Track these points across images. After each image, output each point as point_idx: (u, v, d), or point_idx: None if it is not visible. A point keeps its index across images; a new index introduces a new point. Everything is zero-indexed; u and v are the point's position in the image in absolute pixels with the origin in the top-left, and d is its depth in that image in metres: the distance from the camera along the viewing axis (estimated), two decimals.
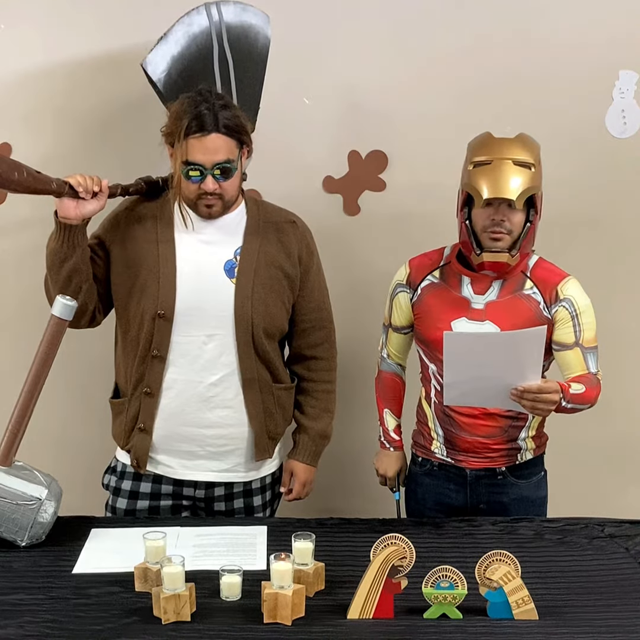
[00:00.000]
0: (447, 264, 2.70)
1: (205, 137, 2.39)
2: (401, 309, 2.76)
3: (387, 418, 2.86)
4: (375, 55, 3.13)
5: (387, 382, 2.88)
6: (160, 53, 2.68)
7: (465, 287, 2.64)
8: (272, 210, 2.66)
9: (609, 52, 3.15)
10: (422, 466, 2.80)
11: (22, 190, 2.39)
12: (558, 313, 2.59)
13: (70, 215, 2.44)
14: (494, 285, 2.62)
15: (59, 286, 2.49)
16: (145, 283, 2.53)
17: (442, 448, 2.72)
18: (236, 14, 2.78)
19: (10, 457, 2.39)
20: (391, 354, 2.85)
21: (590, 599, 2.15)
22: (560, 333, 2.60)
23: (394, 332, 2.81)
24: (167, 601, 2.01)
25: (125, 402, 2.62)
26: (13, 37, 3.06)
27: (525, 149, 2.56)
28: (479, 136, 2.65)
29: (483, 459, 2.69)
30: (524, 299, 2.60)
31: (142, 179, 2.61)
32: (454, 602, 2.05)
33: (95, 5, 3.04)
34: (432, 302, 2.67)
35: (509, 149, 2.55)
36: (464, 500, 2.72)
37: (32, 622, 2.02)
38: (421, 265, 2.73)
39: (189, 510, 2.69)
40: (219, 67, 2.74)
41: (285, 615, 2.01)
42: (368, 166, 3.22)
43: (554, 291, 2.59)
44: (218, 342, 2.54)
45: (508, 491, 2.70)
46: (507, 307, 2.60)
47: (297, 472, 2.74)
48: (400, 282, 2.75)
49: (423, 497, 2.79)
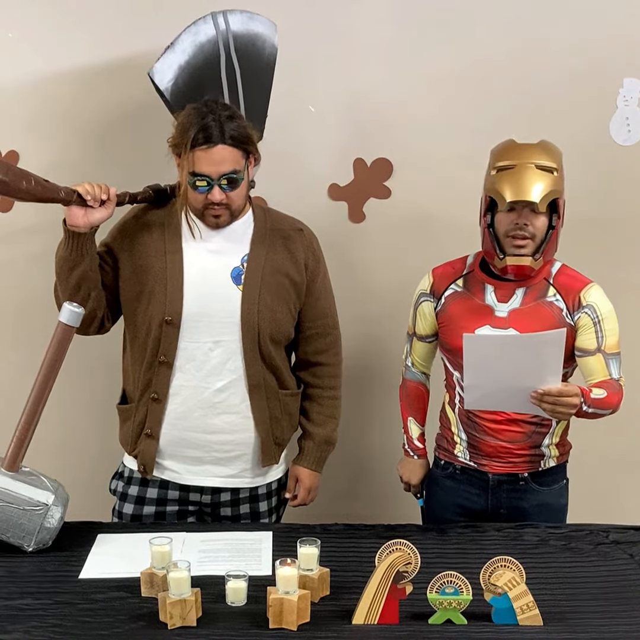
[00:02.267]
0: (470, 272, 2.71)
1: (211, 149, 2.41)
2: (425, 318, 2.77)
3: (411, 426, 2.87)
4: (381, 63, 3.15)
5: (412, 391, 2.88)
6: (167, 62, 2.68)
7: (488, 294, 2.65)
8: (279, 218, 2.67)
9: (614, 60, 3.15)
10: (445, 469, 2.80)
11: (30, 198, 2.41)
12: (580, 319, 2.59)
13: (78, 224, 2.46)
14: (517, 293, 2.63)
15: (68, 293, 2.51)
16: (153, 290, 2.54)
17: (466, 452, 2.73)
18: (243, 23, 2.78)
19: (17, 462, 2.40)
20: (415, 362, 2.86)
21: (594, 605, 2.15)
22: (583, 339, 2.60)
23: (419, 341, 2.82)
24: (173, 606, 2.02)
25: (132, 407, 2.64)
26: (21, 45, 3.08)
27: (548, 154, 2.58)
28: (502, 142, 2.67)
29: (506, 464, 2.69)
30: (546, 306, 2.61)
31: (150, 187, 2.63)
32: (458, 607, 2.06)
33: (102, 14, 3.06)
34: (456, 310, 2.68)
35: (531, 154, 2.57)
36: (485, 504, 2.73)
37: (38, 627, 2.02)
38: (445, 274, 2.74)
39: (195, 516, 2.70)
40: (226, 76, 2.75)
41: (290, 621, 2.02)
42: (373, 174, 3.23)
43: (577, 298, 2.60)
44: (224, 348, 2.55)
45: (529, 497, 2.71)
46: (530, 315, 2.60)
47: (302, 477, 2.75)
48: (424, 292, 2.76)
49: (444, 500, 2.80)
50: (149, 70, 2.67)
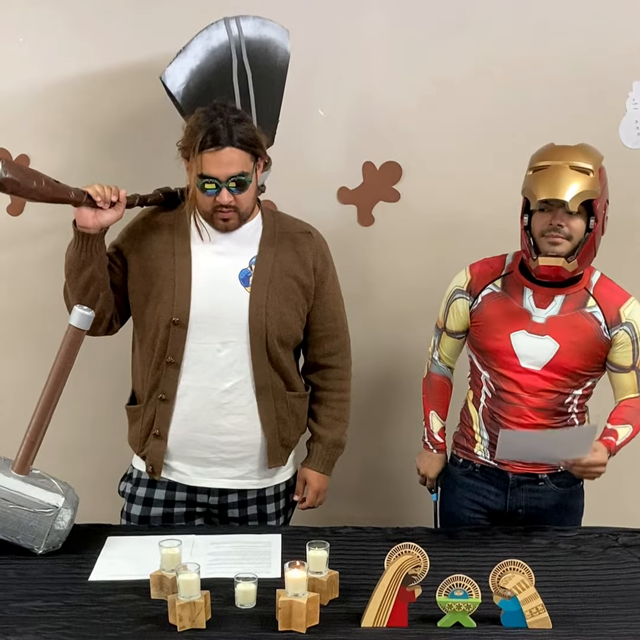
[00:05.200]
0: (509, 273, 2.69)
1: (219, 151, 2.42)
2: (458, 314, 2.75)
3: (433, 420, 2.86)
4: (390, 66, 3.15)
5: (436, 385, 2.87)
6: (179, 66, 2.69)
7: (527, 298, 2.63)
8: (288, 222, 2.68)
9: (623, 64, 3.15)
10: (463, 467, 2.80)
11: (41, 199, 2.42)
12: (618, 336, 2.59)
13: (88, 225, 2.47)
14: (556, 300, 2.60)
15: (77, 294, 2.52)
16: (161, 291, 2.55)
17: (486, 451, 2.73)
18: (255, 29, 2.78)
19: (27, 465, 2.41)
20: (442, 356, 2.85)
21: (604, 608, 2.15)
22: (619, 356, 2.61)
23: (448, 336, 2.81)
24: (183, 608, 2.02)
25: (141, 408, 2.64)
26: (32, 50, 3.09)
27: (584, 155, 2.54)
28: (543, 146, 2.64)
29: (527, 465, 2.69)
30: (585, 317, 2.59)
31: (160, 190, 2.64)
32: (467, 610, 2.06)
33: (112, 18, 3.07)
34: (492, 312, 2.67)
35: (566, 155, 2.54)
36: (504, 503, 2.72)
37: (48, 629, 2.03)
38: (483, 273, 2.72)
39: (203, 517, 2.70)
40: (238, 81, 2.75)
41: (299, 623, 2.02)
42: (382, 177, 3.23)
43: (617, 313, 2.59)
44: (232, 350, 2.56)
45: (548, 497, 2.71)
46: (568, 324, 2.59)
47: (310, 480, 2.75)
48: (460, 288, 2.74)
49: (462, 498, 2.79)
50: (161, 74, 2.68)
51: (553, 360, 2.59)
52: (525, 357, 2.61)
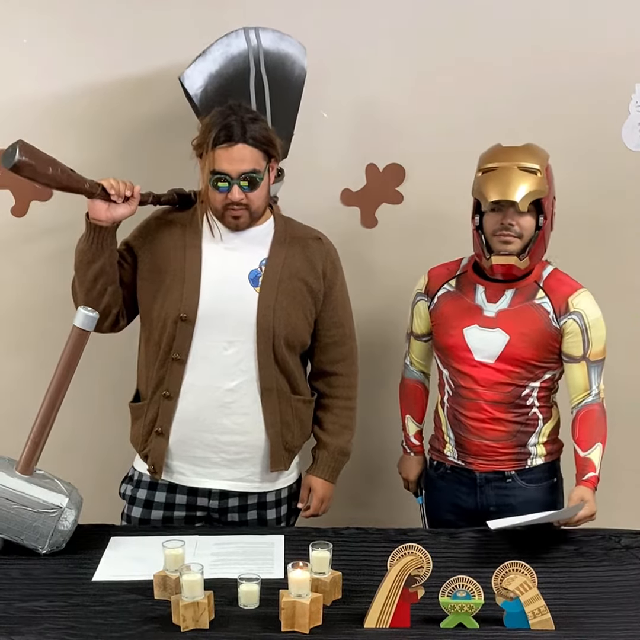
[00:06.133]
0: (463, 273, 2.76)
1: (231, 147, 2.43)
2: (420, 317, 2.82)
3: (408, 424, 2.92)
4: (393, 68, 3.16)
5: (409, 389, 2.93)
6: (198, 69, 2.71)
7: (479, 295, 2.70)
8: (299, 227, 2.69)
9: (626, 66, 3.16)
10: (437, 469, 2.84)
11: (55, 185, 2.42)
12: (567, 325, 2.63)
13: (101, 217, 2.48)
14: (506, 294, 2.67)
15: (85, 287, 2.53)
16: (170, 287, 2.56)
17: (454, 451, 2.76)
18: (273, 41, 2.80)
19: (31, 465, 2.41)
20: (414, 361, 2.91)
21: (606, 610, 2.16)
22: (569, 346, 2.65)
23: (415, 339, 2.88)
24: (186, 609, 2.03)
25: (144, 405, 2.64)
26: (48, 53, 3.10)
27: (532, 155, 2.62)
28: (490, 147, 2.71)
29: (492, 462, 2.72)
30: (534, 308, 2.64)
31: (175, 191, 2.65)
32: (470, 611, 2.06)
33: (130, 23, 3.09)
34: (447, 309, 2.74)
35: (515, 156, 2.62)
36: (474, 502, 2.75)
37: (52, 629, 2.04)
38: (439, 274, 2.80)
39: (203, 522, 2.70)
40: (255, 90, 2.77)
41: (302, 624, 2.03)
42: (385, 179, 3.24)
43: (565, 302, 2.63)
44: (238, 349, 2.56)
45: (516, 494, 2.72)
46: (517, 315, 2.64)
47: (315, 487, 2.75)
48: (420, 291, 2.83)
49: (439, 500, 2.83)
50: (180, 75, 2.70)
51: (504, 351, 2.63)
52: (478, 351, 2.66)
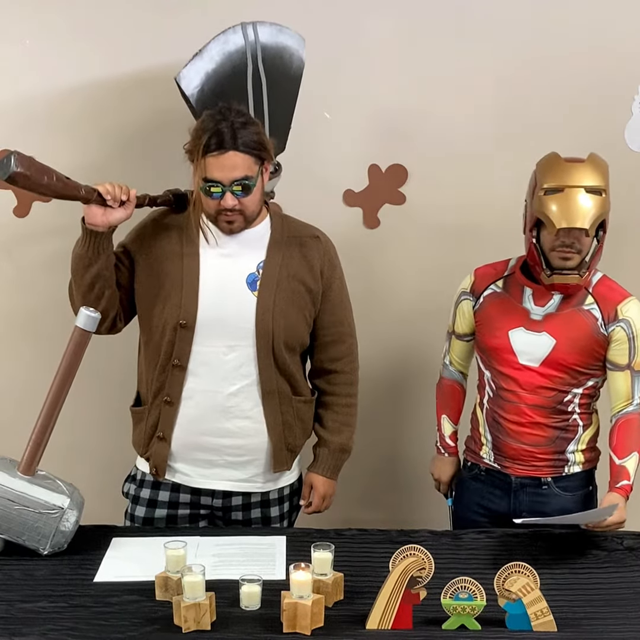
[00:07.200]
0: (511, 274, 2.72)
1: (222, 155, 2.41)
2: (464, 316, 2.79)
3: (444, 424, 2.88)
4: (396, 70, 3.15)
5: (447, 389, 2.90)
6: (194, 68, 2.70)
7: (526, 298, 2.66)
8: (297, 226, 2.68)
9: (629, 67, 3.15)
10: (471, 470, 2.82)
11: (51, 194, 2.42)
12: (615, 333, 2.60)
13: (97, 222, 2.47)
14: (554, 298, 2.63)
15: (82, 291, 2.52)
16: (169, 293, 2.55)
17: (490, 454, 2.74)
18: (272, 35, 2.79)
19: (33, 466, 2.41)
20: (453, 361, 2.87)
21: (608, 611, 2.16)
22: (615, 353, 2.62)
23: (457, 339, 2.84)
24: (188, 610, 2.03)
25: (145, 410, 2.65)
26: (44, 53, 3.09)
27: (596, 172, 2.54)
28: (547, 157, 2.61)
29: (528, 467, 2.69)
30: (582, 313, 2.61)
31: (170, 191, 2.64)
32: (472, 613, 2.06)
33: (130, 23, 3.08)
34: (493, 310, 2.70)
35: (580, 176, 2.52)
36: (507, 506, 2.72)
37: (53, 630, 2.04)
38: (486, 274, 2.76)
39: (207, 520, 2.70)
40: (252, 86, 2.76)
41: (304, 625, 2.03)
42: (388, 180, 3.23)
43: (614, 310, 2.60)
44: (238, 353, 2.56)
45: (551, 502, 2.70)
46: (565, 321, 2.61)
47: (316, 485, 2.75)
48: (465, 290, 2.78)
49: (469, 501, 2.81)
50: (176, 75, 2.69)
51: (550, 356, 2.61)
52: (523, 354, 2.63)
